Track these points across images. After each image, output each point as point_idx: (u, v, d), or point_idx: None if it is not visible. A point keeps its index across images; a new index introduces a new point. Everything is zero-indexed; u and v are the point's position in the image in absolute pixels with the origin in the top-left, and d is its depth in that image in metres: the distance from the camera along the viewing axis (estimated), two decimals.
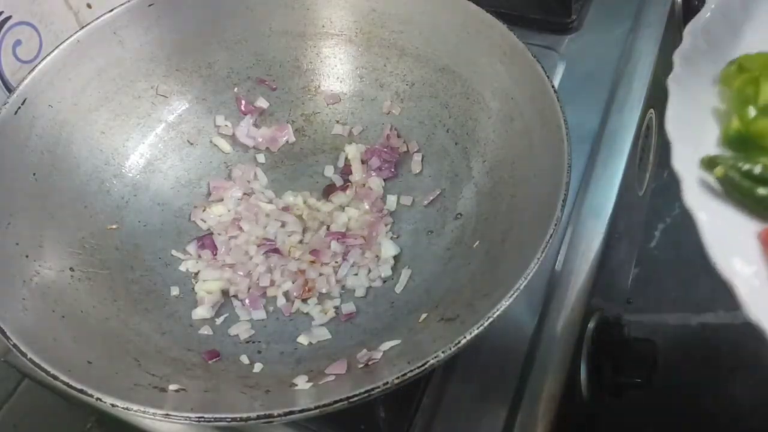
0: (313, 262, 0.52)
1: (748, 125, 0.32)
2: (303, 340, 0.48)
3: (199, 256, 0.53)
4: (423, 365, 0.35)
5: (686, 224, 0.31)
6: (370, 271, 0.52)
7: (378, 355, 0.42)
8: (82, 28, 0.52)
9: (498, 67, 0.50)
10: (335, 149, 0.59)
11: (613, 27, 0.68)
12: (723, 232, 0.29)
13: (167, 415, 0.35)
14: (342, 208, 0.55)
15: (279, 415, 0.34)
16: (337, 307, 0.50)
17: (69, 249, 0.48)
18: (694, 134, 0.33)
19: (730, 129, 0.33)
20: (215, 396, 0.41)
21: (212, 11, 0.57)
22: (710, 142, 0.33)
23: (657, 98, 0.65)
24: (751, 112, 0.33)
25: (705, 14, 0.37)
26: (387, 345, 0.43)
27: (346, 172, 0.58)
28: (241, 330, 0.49)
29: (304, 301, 0.51)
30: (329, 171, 0.58)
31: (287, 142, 0.60)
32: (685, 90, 0.34)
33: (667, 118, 0.32)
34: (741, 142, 0.33)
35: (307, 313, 0.50)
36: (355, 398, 0.34)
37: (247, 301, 0.50)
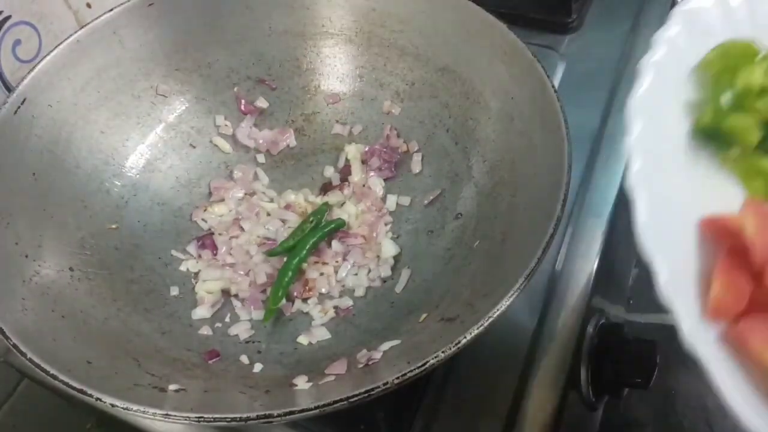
0: (314, 262, 0.52)
1: (720, 119, 0.31)
2: (303, 340, 0.48)
3: (199, 256, 0.53)
4: (423, 365, 0.35)
5: None
6: (370, 271, 0.52)
7: (378, 355, 0.42)
8: (82, 27, 0.52)
9: (498, 67, 0.50)
10: (335, 149, 0.59)
11: (613, 27, 0.68)
12: (660, 217, 0.28)
13: (167, 415, 0.35)
14: (340, 205, 0.55)
15: (279, 415, 0.34)
16: (336, 307, 0.50)
17: (69, 249, 0.48)
18: (658, 122, 0.31)
19: (700, 123, 0.31)
20: (215, 396, 0.41)
21: (212, 11, 0.57)
22: (678, 134, 0.32)
23: None
24: (727, 97, 0.31)
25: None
26: (387, 345, 0.43)
27: (346, 171, 0.57)
28: (241, 330, 0.49)
29: (305, 300, 0.51)
30: (329, 171, 0.58)
31: (288, 145, 0.59)
32: (660, 77, 0.31)
33: (634, 100, 0.30)
34: (712, 136, 0.31)
35: (307, 313, 0.50)
36: (355, 398, 0.34)
37: (247, 300, 0.50)
